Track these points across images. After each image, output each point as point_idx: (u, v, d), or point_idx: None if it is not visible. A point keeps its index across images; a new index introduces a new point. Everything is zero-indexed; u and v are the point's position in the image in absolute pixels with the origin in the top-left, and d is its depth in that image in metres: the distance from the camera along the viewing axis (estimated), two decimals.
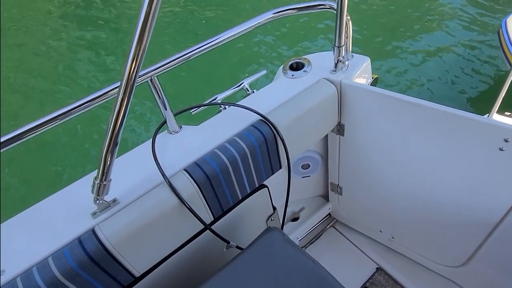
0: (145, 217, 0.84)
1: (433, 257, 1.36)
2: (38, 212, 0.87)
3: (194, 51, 0.94)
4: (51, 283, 0.74)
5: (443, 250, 1.29)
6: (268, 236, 0.97)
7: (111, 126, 0.73)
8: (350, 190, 1.43)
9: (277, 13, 1.01)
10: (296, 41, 4.44)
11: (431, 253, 1.36)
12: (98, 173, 0.77)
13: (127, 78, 0.69)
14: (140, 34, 0.64)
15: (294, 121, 1.04)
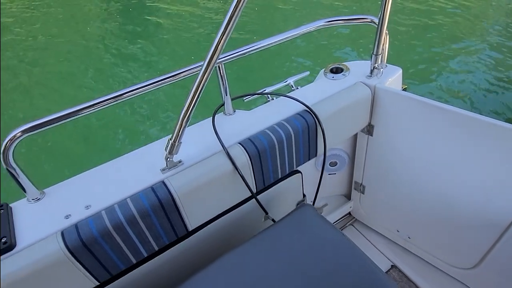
0: (204, 177, 1.00)
1: (446, 258, 1.46)
2: (118, 164, 1.04)
3: (254, 47, 1.12)
4: (128, 218, 0.90)
5: (456, 251, 1.40)
6: (301, 211, 1.12)
7: (190, 97, 0.90)
8: (372, 189, 1.56)
9: (328, 22, 1.19)
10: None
11: (444, 255, 1.46)
12: (172, 135, 0.94)
13: (208, 61, 0.87)
14: (225, 27, 0.82)
15: (332, 115, 1.19)
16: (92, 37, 5.99)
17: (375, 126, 1.35)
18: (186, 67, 1.02)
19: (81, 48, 5.60)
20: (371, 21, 1.20)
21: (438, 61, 4.45)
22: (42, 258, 0.82)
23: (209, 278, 0.93)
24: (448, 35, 5.01)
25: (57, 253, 0.83)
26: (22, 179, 0.90)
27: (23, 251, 0.83)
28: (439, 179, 1.26)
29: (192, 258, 1.15)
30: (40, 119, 0.87)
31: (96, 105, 0.93)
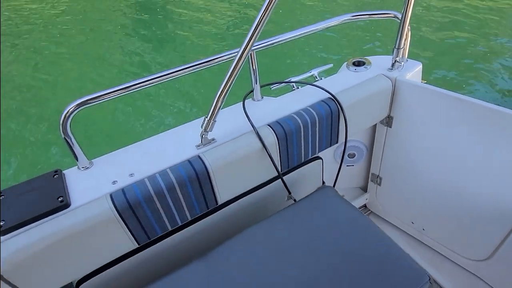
0: (235, 154, 1.08)
1: (459, 250, 1.50)
2: (157, 140, 1.14)
3: (283, 38, 1.21)
4: (168, 186, 1.00)
5: (469, 243, 1.44)
6: (323, 192, 1.19)
7: (225, 80, 1.00)
8: (389, 181, 1.62)
9: (353, 17, 1.27)
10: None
11: (457, 246, 1.51)
12: (208, 113, 1.04)
13: (244, 47, 0.96)
14: (260, 17, 0.92)
15: (353, 104, 1.27)
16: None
17: (394, 118, 1.42)
18: (222, 53, 1.11)
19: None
20: (394, 16, 1.27)
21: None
22: (94, 216, 0.92)
23: (235, 248, 1.02)
24: None
25: (106, 212, 0.93)
26: (76, 149, 1.01)
27: (77, 209, 0.93)
28: (456, 171, 1.31)
29: (219, 230, 1.24)
30: (93, 94, 0.98)
31: (140, 84, 1.03)
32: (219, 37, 5.88)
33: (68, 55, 5.74)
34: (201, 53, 5.40)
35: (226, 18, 6.53)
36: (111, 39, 6.19)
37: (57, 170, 1.03)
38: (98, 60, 5.45)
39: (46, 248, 0.89)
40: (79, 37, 6.33)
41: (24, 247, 0.87)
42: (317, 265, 0.96)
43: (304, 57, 4.96)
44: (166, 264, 1.18)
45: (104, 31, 6.55)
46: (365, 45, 5.07)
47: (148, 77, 1.03)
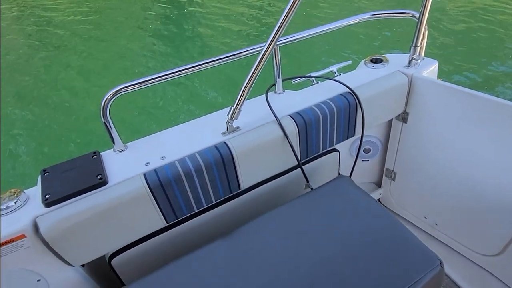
0: (258, 141, 1.16)
1: (471, 245, 1.54)
2: (186, 127, 1.23)
3: (306, 34, 1.28)
4: (196, 168, 1.08)
5: (481, 238, 1.48)
6: (340, 180, 1.25)
7: (251, 71, 1.07)
8: (403, 176, 1.67)
9: (372, 15, 1.33)
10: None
11: (469, 241, 1.54)
12: (235, 102, 1.12)
13: (270, 42, 1.03)
14: (286, 13, 0.99)
15: (370, 99, 1.33)
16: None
17: (410, 114, 1.47)
18: (248, 47, 1.19)
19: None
20: (412, 15, 1.33)
21: None
22: (129, 192, 1.01)
23: (255, 230, 1.09)
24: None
25: (140, 190, 1.01)
26: (113, 132, 1.10)
27: (114, 186, 1.02)
28: (469, 167, 1.35)
29: (241, 214, 1.31)
30: (131, 81, 1.07)
31: (172, 74, 1.12)
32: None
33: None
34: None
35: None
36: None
37: (95, 151, 1.12)
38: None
39: (85, 220, 0.98)
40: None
41: (66, 218, 0.96)
42: (332, 246, 1.01)
43: (319, 50, 5.11)
44: (190, 242, 1.26)
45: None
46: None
47: (180, 68, 1.11)
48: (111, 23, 7.18)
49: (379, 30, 5.49)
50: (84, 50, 6.13)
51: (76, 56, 5.96)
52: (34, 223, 0.95)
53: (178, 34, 6.49)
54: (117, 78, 5.17)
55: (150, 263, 1.22)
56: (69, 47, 6.36)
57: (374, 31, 5.47)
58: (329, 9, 6.67)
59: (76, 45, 6.37)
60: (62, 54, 6.12)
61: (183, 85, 4.75)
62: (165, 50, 5.89)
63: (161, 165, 1.07)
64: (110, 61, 5.69)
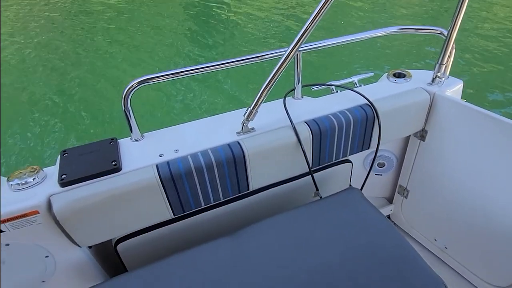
0: (271, 144, 1.16)
1: (481, 273, 1.49)
2: (202, 123, 1.25)
3: (329, 43, 1.28)
4: (207, 164, 1.09)
5: (492, 268, 1.43)
6: (349, 192, 1.24)
7: (271, 75, 1.08)
8: (416, 195, 1.63)
9: (399, 29, 1.32)
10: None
11: (479, 269, 1.49)
12: (252, 103, 1.13)
13: (292, 47, 1.04)
14: (310, 21, 1.00)
15: (389, 113, 1.31)
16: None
17: (428, 132, 1.45)
18: (271, 51, 1.20)
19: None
20: (440, 32, 1.31)
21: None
22: (140, 181, 1.03)
23: (260, 231, 1.09)
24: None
25: (151, 180, 1.04)
26: (132, 121, 1.13)
27: (127, 173, 1.05)
28: (486, 191, 1.31)
29: (247, 214, 1.32)
30: (153, 74, 1.10)
31: (195, 70, 1.14)
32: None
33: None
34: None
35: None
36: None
37: (113, 138, 1.16)
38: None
39: (96, 203, 1.01)
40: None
41: (79, 200, 0.99)
42: (334, 257, 1.01)
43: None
44: (195, 237, 1.28)
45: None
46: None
47: (203, 65, 1.13)
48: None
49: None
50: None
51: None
52: (48, 200, 0.99)
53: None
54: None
55: (154, 252, 1.24)
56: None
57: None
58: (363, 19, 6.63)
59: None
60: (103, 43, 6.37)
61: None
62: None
63: (174, 158, 1.10)
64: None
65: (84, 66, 5.63)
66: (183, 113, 4.34)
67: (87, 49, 6.23)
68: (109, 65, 5.62)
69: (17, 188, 1.01)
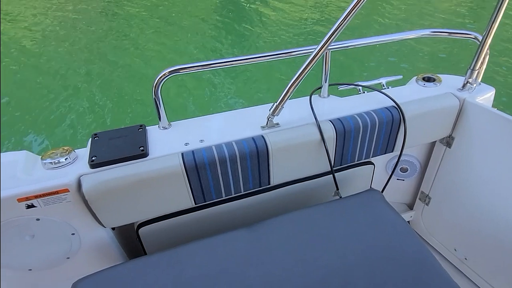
0: (295, 140, 1.17)
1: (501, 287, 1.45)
2: (228, 116, 1.27)
3: (360, 42, 1.27)
4: (231, 156, 1.11)
5: None
6: (370, 193, 1.23)
7: (299, 71, 1.09)
8: (438, 202, 1.60)
9: (432, 32, 1.30)
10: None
11: (500, 284, 1.45)
12: (278, 98, 1.14)
13: (322, 45, 1.05)
14: (342, 20, 1.00)
15: (415, 117, 1.29)
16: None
17: (455, 139, 1.41)
18: (300, 48, 1.21)
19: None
20: (474, 37, 1.27)
21: None
22: (165, 168, 1.06)
23: (279, 226, 1.10)
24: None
25: (176, 168, 1.07)
26: (161, 109, 1.17)
27: (153, 159, 1.08)
28: (511, 201, 1.28)
29: (266, 209, 1.34)
30: (183, 65, 1.13)
31: (225, 63, 1.16)
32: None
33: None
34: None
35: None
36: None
37: (142, 124, 1.20)
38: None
39: (122, 186, 1.05)
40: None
41: (107, 181, 1.03)
42: (351, 258, 1.01)
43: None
44: (214, 227, 1.30)
45: None
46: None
47: (232, 58, 1.15)
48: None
49: None
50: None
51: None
52: (78, 180, 1.03)
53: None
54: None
55: (173, 239, 1.28)
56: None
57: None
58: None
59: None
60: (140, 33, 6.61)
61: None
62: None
63: (199, 147, 1.12)
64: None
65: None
66: (209, 103, 4.47)
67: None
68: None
69: (50, 167, 1.06)
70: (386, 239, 1.05)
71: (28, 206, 1.01)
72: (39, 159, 1.09)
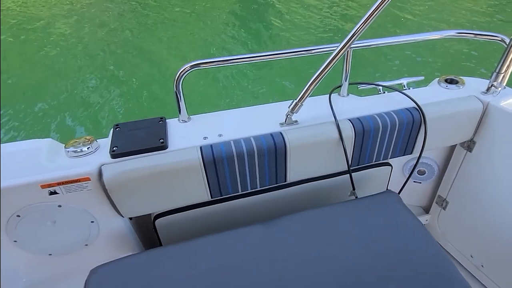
0: (313, 138, 1.17)
1: None
2: (247, 112, 1.28)
3: (384, 41, 1.26)
4: (249, 152, 1.12)
5: None
6: (387, 195, 1.22)
7: (320, 69, 1.09)
8: (456, 207, 1.57)
9: (458, 33, 1.27)
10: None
11: None
12: (298, 96, 1.14)
13: (344, 43, 1.04)
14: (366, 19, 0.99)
15: (436, 119, 1.27)
16: None
17: (477, 143, 1.39)
18: (322, 45, 1.20)
19: None
20: (501, 40, 1.24)
21: None
22: (184, 161, 1.08)
23: (293, 223, 1.10)
24: None
25: (195, 161, 1.08)
26: (181, 103, 1.18)
27: (172, 152, 1.10)
28: None
29: (281, 206, 1.34)
30: (204, 59, 1.14)
31: (246, 59, 1.17)
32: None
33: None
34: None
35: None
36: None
37: (162, 117, 1.21)
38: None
39: (141, 177, 1.06)
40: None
41: (127, 172, 1.05)
42: (366, 259, 1.00)
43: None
44: (229, 221, 1.32)
45: None
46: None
47: (254, 54, 1.16)
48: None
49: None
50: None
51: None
52: (99, 169, 1.06)
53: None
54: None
55: (189, 231, 1.29)
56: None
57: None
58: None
59: None
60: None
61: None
62: None
63: (218, 142, 1.13)
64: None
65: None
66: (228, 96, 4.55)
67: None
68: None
69: (73, 155, 1.09)
70: (403, 243, 1.04)
71: (51, 192, 1.04)
72: (63, 147, 1.12)
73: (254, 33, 6.34)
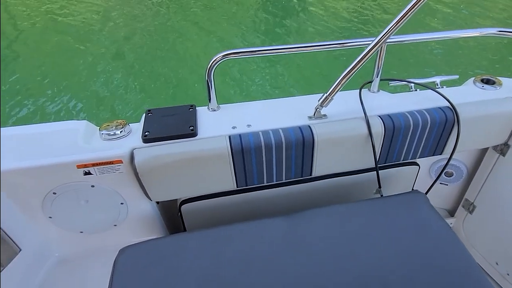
0: (341, 133, 1.16)
1: None
2: (276, 103, 1.28)
3: (419, 37, 1.23)
4: (277, 143, 1.12)
5: None
6: (414, 195, 1.20)
7: (353, 64, 1.07)
8: (483, 212, 1.53)
9: (499, 32, 1.23)
10: None
11: None
12: (328, 90, 1.13)
13: (379, 38, 1.02)
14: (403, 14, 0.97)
15: (471, 120, 1.23)
16: None
17: (511, 147, 1.34)
18: (355, 39, 1.19)
19: None
20: None
21: None
22: (213, 149, 1.10)
23: (317, 218, 1.10)
24: None
25: (223, 150, 1.10)
26: (212, 92, 1.20)
27: (201, 139, 1.12)
28: None
29: (305, 199, 1.35)
30: (237, 49, 1.15)
31: (276, 50, 1.18)
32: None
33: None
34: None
35: None
36: None
37: (192, 105, 1.24)
38: None
39: (171, 163, 1.09)
40: None
41: (157, 157, 1.08)
42: (392, 259, 0.98)
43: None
44: (252, 211, 1.33)
45: None
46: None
47: (286, 46, 1.16)
48: None
49: None
50: None
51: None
52: (131, 153, 1.09)
53: None
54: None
55: (212, 218, 1.32)
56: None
57: None
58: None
59: None
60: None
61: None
62: None
63: (246, 132, 1.14)
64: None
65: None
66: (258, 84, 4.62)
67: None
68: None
69: (106, 138, 1.13)
70: (429, 245, 1.02)
71: (85, 173, 1.09)
72: (97, 130, 1.16)
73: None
